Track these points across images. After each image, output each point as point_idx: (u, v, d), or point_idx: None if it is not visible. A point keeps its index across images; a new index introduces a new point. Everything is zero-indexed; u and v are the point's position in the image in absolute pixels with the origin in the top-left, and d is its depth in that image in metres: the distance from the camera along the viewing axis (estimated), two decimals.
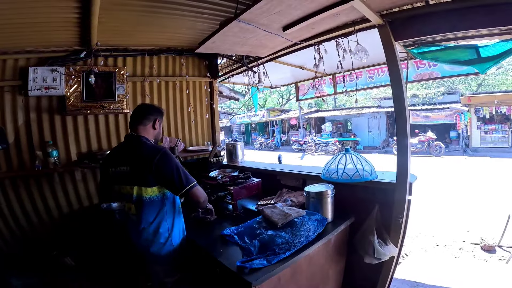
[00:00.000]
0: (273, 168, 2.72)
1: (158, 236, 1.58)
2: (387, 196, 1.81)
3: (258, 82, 2.94)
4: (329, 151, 14.64)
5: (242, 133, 24.15)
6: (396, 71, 1.72)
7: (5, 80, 2.47)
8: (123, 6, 2.02)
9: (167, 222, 1.60)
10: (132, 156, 1.55)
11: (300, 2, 1.64)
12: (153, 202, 1.54)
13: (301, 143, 16.40)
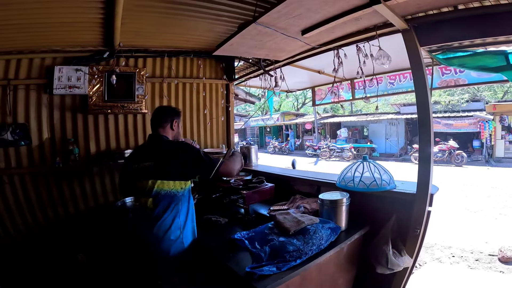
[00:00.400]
0: (287, 174, 2.69)
1: (169, 233, 1.59)
2: (405, 207, 1.75)
3: (275, 86, 2.92)
4: (343, 157, 14.35)
5: (256, 136, 24.16)
6: (421, 77, 1.65)
7: (31, 78, 2.58)
8: (145, 7, 2.06)
9: (180, 220, 1.62)
10: (156, 152, 1.64)
11: (320, 6, 1.61)
12: (170, 196, 1.60)
13: (315, 148, 16.19)
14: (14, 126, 2.49)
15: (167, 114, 1.77)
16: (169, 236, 1.59)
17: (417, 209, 1.70)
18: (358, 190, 1.81)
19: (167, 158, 1.60)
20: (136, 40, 2.71)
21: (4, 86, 2.49)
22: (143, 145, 1.86)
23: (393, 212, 1.78)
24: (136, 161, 1.69)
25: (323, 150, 15.19)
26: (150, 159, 1.62)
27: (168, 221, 1.59)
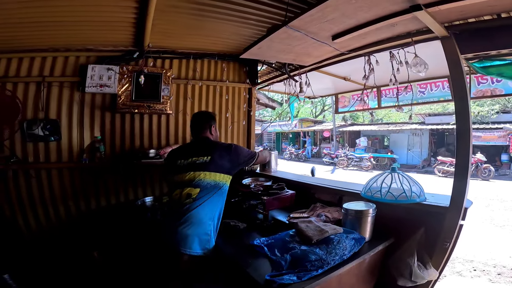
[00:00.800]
0: (308, 181, 2.64)
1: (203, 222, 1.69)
2: (435, 219, 1.68)
3: (299, 92, 2.87)
4: (362, 166, 14.02)
5: (272, 142, 24.08)
6: (461, 86, 1.56)
7: (65, 76, 2.67)
8: (175, 8, 2.09)
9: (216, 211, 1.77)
10: (211, 149, 1.88)
11: (355, 11, 1.57)
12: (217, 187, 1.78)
13: (332, 156, 15.92)
14: (45, 122, 2.58)
15: (206, 120, 2.04)
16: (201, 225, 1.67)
17: (449, 222, 1.63)
18: (385, 201, 1.76)
19: (222, 154, 1.85)
20: (165, 41, 2.76)
21: (38, 83, 2.59)
22: (190, 145, 2.12)
23: (422, 224, 1.72)
24: (185, 157, 1.88)
25: (340, 159, 14.92)
26: (206, 155, 1.84)
27: (206, 209, 1.71)
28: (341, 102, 4.26)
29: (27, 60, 2.58)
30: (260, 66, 3.61)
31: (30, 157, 2.59)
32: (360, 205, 1.77)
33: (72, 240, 2.74)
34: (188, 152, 1.90)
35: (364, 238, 1.66)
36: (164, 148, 2.86)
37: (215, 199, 1.76)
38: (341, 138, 19.01)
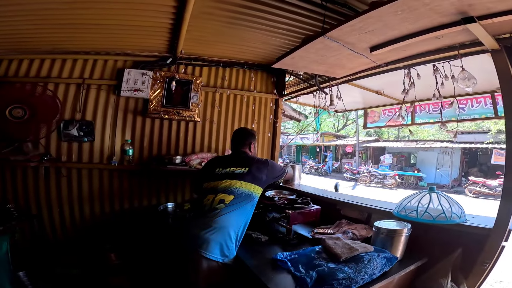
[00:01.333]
0: (333, 197, 2.55)
1: (230, 228, 1.71)
2: (475, 240, 1.61)
3: (330, 105, 2.79)
4: (385, 184, 13.46)
5: (292, 155, 23.81)
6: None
7: (103, 79, 2.79)
8: (209, 15, 2.12)
9: (244, 218, 1.80)
10: (249, 162, 2.00)
11: (400, 23, 1.50)
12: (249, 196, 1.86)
13: (354, 172, 15.45)
14: (81, 123, 2.69)
15: (246, 138, 2.18)
16: (226, 232, 1.68)
17: (491, 243, 1.54)
18: (421, 221, 1.69)
19: (259, 167, 1.98)
20: (196, 48, 2.80)
21: (79, 85, 2.72)
22: (230, 157, 2.20)
23: (459, 245, 1.66)
24: (223, 167, 2.00)
25: (362, 175, 14.44)
26: (244, 167, 1.96)
27: (234, 216, 1.75)
28: (370, 117, 4.11)
29: (70, 62, 2.73)
30: (288, 77, 3.58)
31: (63, 156, 2.69)
32: (392, 224, 1.73)
33: (92, 240, 2.78)
34: (227, 163, 2.02)
35: (397, 257, 1.59)
36: (189, 155, 2.88)
37: (245, 209, 1.82)
38: (364, 154, 18.44)
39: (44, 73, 2.67)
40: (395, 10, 1.33)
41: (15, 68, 2.64)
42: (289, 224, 2.04)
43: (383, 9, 1.31)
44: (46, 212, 2.70)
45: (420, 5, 1.31)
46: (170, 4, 1.96)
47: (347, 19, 1.50)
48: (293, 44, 2.59)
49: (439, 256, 1.68)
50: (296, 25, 2.24)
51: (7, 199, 2.58)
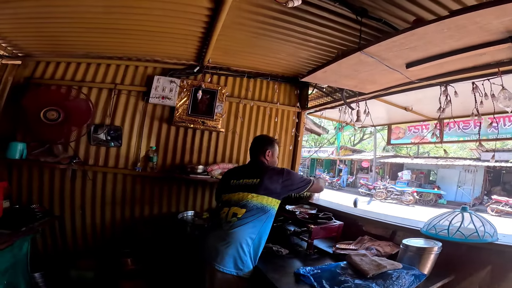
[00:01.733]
0: (355, 213, 2.53)
1: (242, 242, 1.67)
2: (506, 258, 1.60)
3: (356, 121, 2.73)
4: (402, 200, 13.09)
5: (306, 167, 23.49)
6: None
7: (134, 85, 2.86)
8: (240, 25, 2.12)
9: (258, 231, 1.74)
10: (262, 172, 1.89)
11: (443, 40, 1.45)
12: (262, 209, 1.78)
13: (370, 187, 15.07)
14: (110, 128, 2.74)
15: (261, 145, 2.05)
16: (240, 245, 1.66)
17: None
18: (452, 240, 1.71)
19: (273, 178, 1.85)
20: (223, 57, 2.83)
21: (110, 89, 2.79)
22: (245, 166, 2.16)
23: (489, 263, 1.65)
24: (237, 178, 1.93)
25: (378, 191, 14.09)
26: (256, 177, 1.86)
27: (248, 230, 1.71)
28: (395, 133, 3.98)
29: (104, 67, 2.82)
30: (311, 90, 3.55)
31: (90, 159, 2.75)
32: (420, 242, 1.75)
33: (110, 244, 2.81)
34: (241, 173, 1.96)
35: (425, 275, 1.59)
36: (211, 165, 2.88)
37: (259, 222, 1.76)
38: (381, 169, 18.01)
39: (79, 77, 2.77)
40: (442, 28, 1.30)
41: (52, 71, 2.75)
42: (310, 238, 2.04)
43: (429, 27, 1.28)
44: (68, 214, 2.75)
45: (469, 24, 1.26)
46: (204, 13, 1.98)
47: (388, 36, 1.47)
48: (321, 57, 2.58)
49: (467, 274, 1.68)
50: (326, 38, 2.22)
51: (31, 199, 2.66)
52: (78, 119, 2.52)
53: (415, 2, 1.61)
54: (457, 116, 2.44)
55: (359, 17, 1.80)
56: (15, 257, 1.93)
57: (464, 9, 1.19)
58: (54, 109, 2.43)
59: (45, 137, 2.50)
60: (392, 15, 1.80)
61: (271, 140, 2.11)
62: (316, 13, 1.87)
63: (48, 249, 2.73)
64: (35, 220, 2.22)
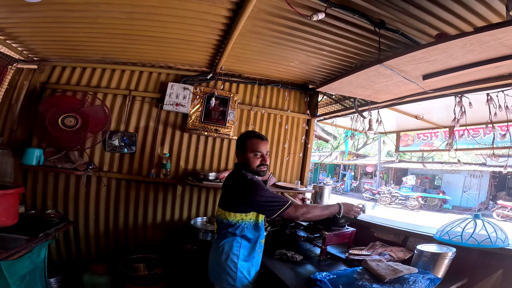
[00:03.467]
0: (367, 219, 2.57)
1: (224, 264, 1.61)
2: None
3: (369, 129, 2.74)
4: (407, 205, 13.03)
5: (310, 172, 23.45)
6: None
7: (147, 92, 2.88)
8: (256, 34, 2.13)
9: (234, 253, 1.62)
10: (226, 184, 1.76)
11: (464, 54, 1.47)
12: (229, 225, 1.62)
13: (374, 192, 15.02)
14: (124, 134, 2.77)
15: (237, 144, 1.77)
16: (221, 261, 1.61)
17: None
18: (466, 245, 1.78)
19: (232, 191, 1.67)
20: (235, 65, 2.84)
21: (125, 96, 2.82)
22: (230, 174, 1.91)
23: (500, 267, 1.71)
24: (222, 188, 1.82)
25: (383, 195, 14.03)
26: (224, 189, 1.76)
27: (224, 246, 1.62)
28: (403, 140, 3.99)
29: (118, 72, 2.85)
30: (320, 97, 3.56)
31: (105, 166, 2.78)
32: (433, 247, 1.82)
33: (123, 250, 2.83)
34: (224, 183, 1.83)
35: (440, 278, 1.65)
36: (223, 172, 2.90)
37: (231, 237, 1.62)
38: (385, 174, 17.93)
39: (94, 82, 2.80)
40: (464, 43, 1.32)
41: (68, 76, 2.78)
42: (323, 244, 2.07)
43: (452, 42, 1.30)
44: (82, 219, 2.78)
45: (491, 40, 1.29)
46: (222, 22, 2.00)
47: (409, 50, 1.49)
48: (333, 66, 2.59)
49: (479, 277, 1.74)
50: (340, 47, 2.23)
51: (46, 205, 2.69)
52: (95, 125, 2.55)
53: (434, 14, 1.63)
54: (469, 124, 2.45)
55: (377, 29, 1.82)
56: (33, 263, 1.93)
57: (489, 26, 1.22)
58: (72, 116, 2.46)
59: (63, 143, 2.53)
60: (409, 27, 1.82)
61: (239, 138, 1.77)
62: (334, 23, 1.89)
63: (62, 255, 2.75)
64: (51, 226, 2.23)
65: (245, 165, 1.69)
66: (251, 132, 1.75)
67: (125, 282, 2.44)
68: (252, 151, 1.66)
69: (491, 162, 13.28)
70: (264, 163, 1.69)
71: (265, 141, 1.72)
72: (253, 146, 1.67)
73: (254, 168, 1.67)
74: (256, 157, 1.67)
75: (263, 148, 1.68)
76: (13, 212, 2.02)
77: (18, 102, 2.62)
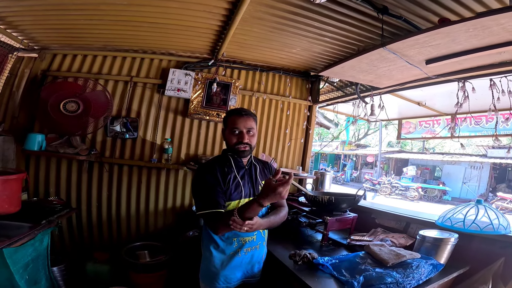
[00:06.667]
0: (368, 206, 2.59)
1: (203, 252, 1.54)
2: None
3: (371, 114, 2.74)
4: (407, 196, 13.11)
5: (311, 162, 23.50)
6: None
7: (149, 78, 2.88)
8: (259, 20, 2.10)
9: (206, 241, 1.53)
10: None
11: (468, 39, 1.46)
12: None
13: (374, 182, 15.07)
14: (126, 119, 2.78)
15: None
16: (204, 255, 1.54)
17: None
18: (468, 231, 1.78)
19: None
20: (237, 51, 2.82)
21: (126, 82, 2.82)
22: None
23: (502, 254, 1.70)
24: None
25: (383, 186, 14.08)
26: None
27: (203, 235, 1.55)
28: (405, 128, 3.99)
29: (120, 60, 2.85)
30: (322, 84, 3.55)
31: (107, 151, 2.79)
32: (436, 233, 1.81)
33: (125, 237, 2.87)
34: None
35: (443, 264, 1.66)
36: None
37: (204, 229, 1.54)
38: (385, 164, 17.97)
39: (95, 70, 2.79)
40: (467, 28, 1.31)
41: (69, 64, 2.77)
42: (326, 230, 2.07)
43: (455, 26, 1.29)
44: (85, 206, 2.80)
45: (494, 25, 1.28)
46: (223, 6, 1.97)
47: (413, 33, 1.47)
48: (335, 53, 2.56)
49: (481, 265, 1.72)
50: (343, 34, 2.20)
51: (48, 192, 2.71)
52: (97, 110, 2.54)
53: (437, 1, 1.61)
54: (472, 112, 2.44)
55: (380, 15, 1.79)
56: (36, 251, 1.89)
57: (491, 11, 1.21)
58: (74, 101, 2.46)
59: (64, 128, 2.53)
60: (412, 13, 1.79)
61: (227, 113, 1.62)
62: (336, 9, 1.86)
63: (65, 243, 2.78)
64: (54, 213, 2.19)
65: (227, 145, 1.54)
66: (233, 109, 1.59)
67: (128, 269, 2.45)
68: (229, 128, 1.50)
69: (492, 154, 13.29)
70: (241, 141, 1.48)
71: (245, 117, 1.49)
72: (230, 122, 1.50)
73: (232, 146, 1.50)
74: (233, 134, 1.49)
75: (241, 125, 1.47)
76: (16, 199, 1.98)
77: (19, 89, 2.62)
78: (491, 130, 3.33)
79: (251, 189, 1.53)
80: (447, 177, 14.75)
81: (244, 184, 1.50)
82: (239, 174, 1.50)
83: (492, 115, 2.13)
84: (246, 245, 1.51)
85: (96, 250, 2.69)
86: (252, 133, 1.51)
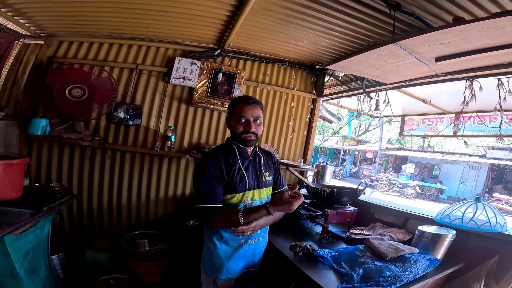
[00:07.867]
0: (368, 200, 2.64)
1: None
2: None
3: (375, 110, 2.74)
4: (404, 193, 13.24)
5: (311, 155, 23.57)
6: None
7: (155, 66, 2.87)
8: (268, 11, 2.08)
9: (208, 233, 1.52)
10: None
11: (480, 38, 1.45)
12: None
13: (373, 178, 15.19)
14: (131, 106, 2.77)
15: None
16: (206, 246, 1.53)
17: None
18: (465, 228, 1.81)
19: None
20: (244, 42, 2.79)
21: (132, 69, 2.81)
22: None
23: (496, 252, 1.74)
24: None
25: (381, 182, 14.20)
26: None
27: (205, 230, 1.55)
28: (408, 125, 3.98)
29: (126, 47, 2.82)
30: (327, 78, 3.53)
31: (110, 137, 2.79)
32: (434, 229, 1.83)
33: (126, 225, 2.88)
34: None
35: (439, 260, 1.68)
36: None
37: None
38: (385, 161, 18.05)
39: (101, 57, 2.77)
40: (481, 27, 1.30)
41: (75, 51, 2.75)
42: (326, 222, 2.10)
43: (469, 25, 1.28)
44: (86, 193, 2.80)
45: (508, 25, 1.27)
46: None
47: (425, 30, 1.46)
48: (342, 47, 2.54)
49: (475, 262, 1.76)
50: (352, 29, 2.18)
51: (50, 177, 2.70)
52: (102, 96, 2.53)
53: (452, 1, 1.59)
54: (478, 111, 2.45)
55: (392, 11, 1.77)
56: (37, 238, 1.83)
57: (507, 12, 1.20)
58: (79, 87, 2.44)
59: (69, 114, 2.52)
60: (425, 11, 1.77)
61: (231, 101, 1.58)
62: (347, 3, 1.84)
63: (65, 230, 2.79)
64: (56, 199, 2.14)
65: (232, 133, 1.51)
66: (239, 97, 1.54)
67: (127, 258, 2.45)
68: (235, 116, 1.46)
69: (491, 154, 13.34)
70: (248, 130, 1.43)
71: (252, 105, 1.45)
72: (237, 110, 1.45)
73: (237, 135, 1.46)
74: (239, 123, 1.44)
75: (247, 113, 1.43)
76: (18, 185, 1.93)
77: (24, 75, 2.60)
78: (494, 130, 3.34)
79: (255, 181, 1.51)
80: (445, 176, 14.88)
81: (249, 175, 1.48)
82: (243, 165, 1.47)
83: (496, 115, 2.14)
84: (251, 237, 1.51)
85: (96, 238, 2.70)
86: (259, 122, 1.47)
